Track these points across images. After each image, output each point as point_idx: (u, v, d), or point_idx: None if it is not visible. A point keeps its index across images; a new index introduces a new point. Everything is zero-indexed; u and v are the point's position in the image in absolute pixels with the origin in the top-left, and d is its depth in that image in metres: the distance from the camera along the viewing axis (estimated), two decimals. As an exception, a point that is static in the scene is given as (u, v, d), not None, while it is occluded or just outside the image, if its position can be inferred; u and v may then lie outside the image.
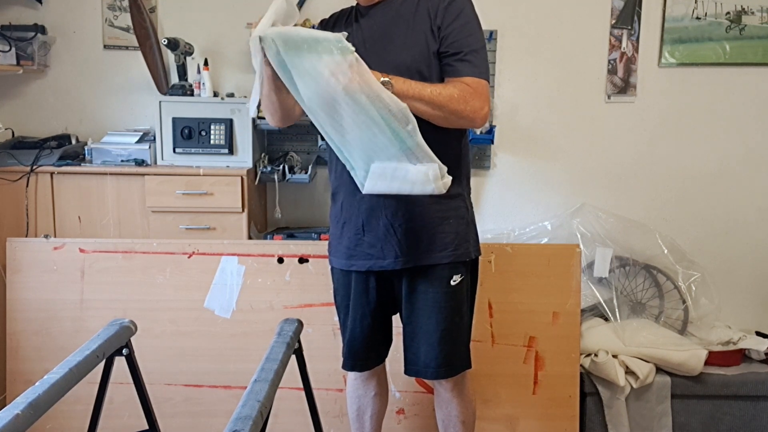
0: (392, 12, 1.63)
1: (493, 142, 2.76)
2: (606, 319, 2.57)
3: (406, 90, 1.44)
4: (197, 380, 2.33)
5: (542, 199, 2.89)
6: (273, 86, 1.54)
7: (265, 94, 1.63)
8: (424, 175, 1.42)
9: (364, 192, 1.48)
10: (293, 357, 1.65)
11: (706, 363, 2.41)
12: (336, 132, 1.44)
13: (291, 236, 2.64)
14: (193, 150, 2.56)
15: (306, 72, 1.35)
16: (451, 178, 1.46)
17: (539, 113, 2.84)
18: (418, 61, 1.57)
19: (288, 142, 2.85)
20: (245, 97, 2.63)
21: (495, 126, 2.75)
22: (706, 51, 2.75)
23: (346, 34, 1.30)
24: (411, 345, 1.73)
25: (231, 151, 2.57)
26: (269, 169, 2.65)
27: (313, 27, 2.68)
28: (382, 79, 1.39)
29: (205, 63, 2.63)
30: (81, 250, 2.35)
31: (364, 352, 1.80)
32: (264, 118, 2.57)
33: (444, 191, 1.45)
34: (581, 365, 2.38)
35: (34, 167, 2.50)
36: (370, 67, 1.41)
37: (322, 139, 2.93)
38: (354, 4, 1.73)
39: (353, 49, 1.30)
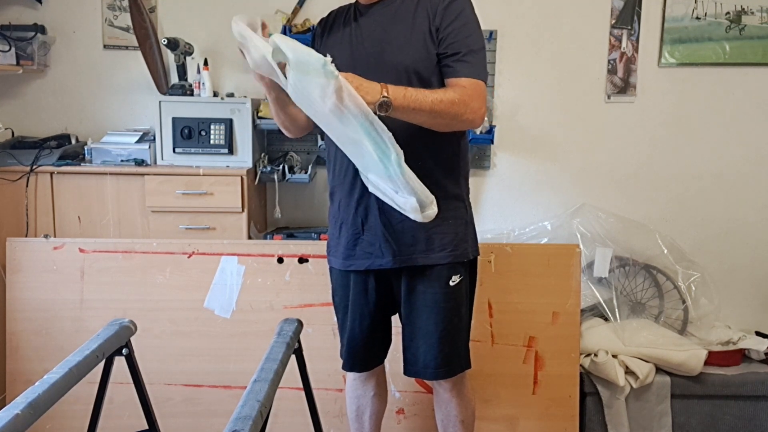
0: (391, 12, 1.62)
1: (493, 142, 2.76)
2: (606, 319, 2.57)
3: (406, 105, 1.42)
4: (197, 380, 2.33)
5: (542, 199, 2.89)
6: (278, 106, 1.62)
7: (274, 114, 1.69)
8: (403, 204, 1.45)
9: (370, 191, 1.50)
10: (293, 357, 1.65)
11: (706, 363, 2.41)
12: (336, 139, 1.46)
13: (291, 236, 2.64)
14: (192, 150, 2.56)
15: (298, 88, 1.35)
16: (436, 209, 1.46)
17: (539, 113, 2.84)
18: (416, 61, 1.57)
19: (288, 142, 2.85)
20: (245, 96, 2.63)
21: (495, 126, 2.75)
22: (706, 51, 2.75)
23: (330, 58, 1.26)
24: (410, 345, 1.73)
25: (231, 151, 2.57)
26: (269, 169, 2.65)
27: (313, 27, 2.68)
28: (381, 97, 1.37)
29: (205, 63, 2.63)
30: (81, 250, 2.35)
31: (363, 353, 1.80)
32: (264, 118, 2.59)
33: (427, 221, 1.46)
34: (581, 365, 2.38)
35: (34, 167, 2.50)
36: (370, 67, 1.42)
37: (322, 138, 2.96)
38: (353, 2, 1.73)
39: (337, 74, 1.27)
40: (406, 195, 1.43)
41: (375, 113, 1.34)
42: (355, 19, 1.68)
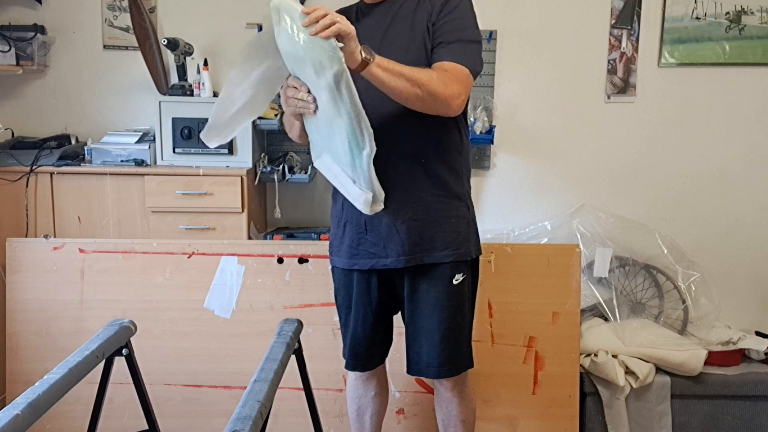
0: (393, 12, 1.64)
1: (492, 142, 2.76)
2: (606, 319, 2.57)
3: (386, 65, 1.42)
4: (197, 380, 2.33)
5: (542, 199, 2.89)
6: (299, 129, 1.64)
7: (289, 128, 1.73)
8: (357, 196, 1.52)
9: (314, 165, 1.58)
10: (293, 357, 1.65)
11: (706, 363, 2.41)
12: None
13: (291, 236, 2.64)
14: (192, 150, 2.56)
15: (296, 56, 1.38)
16: (383, 205, 1.55)
17: (539, 113, 2.84)
18: (417, 61, 1.57)
19: (288, 142, 2.85)
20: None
21: (495, 126, 2.75)
22: (705, 51, 2.75)
23: (342, 45, 1.31)
24: (413, 344, 1.73)
25: (231, 151, 2.57)
26: (269, 169, 2.65)
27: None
28: (363, 55, 1.38)
29: (205, 63, 2.63)
30: (81, 251, 2.35)
31: (366, 352, 1.80)
32: (264, 118, 2.59)
33: (370, 214, 1.55)
34: (581, 365, 2.38)
35: (34, 167, 2.50)
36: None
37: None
38: (354, 3, 1.74)
39: (343, 63, 1.32)
40: (364, 188, 1.51)
41: (360, 57, 1.37)
42: (357, 20, 1.68)
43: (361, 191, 1.51)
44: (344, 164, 1.49)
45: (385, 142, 1.53)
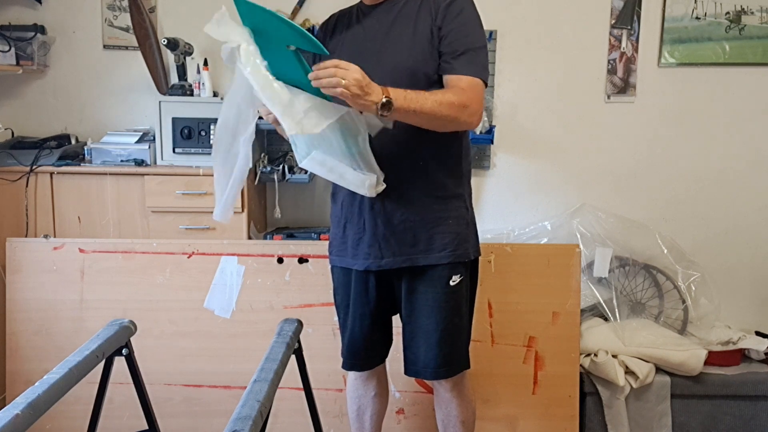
0: (395, 13, 1.63)
1: (492, 142, 2.76)
2: (606, 319, 2.57)
3: (407, 106, 1.44)
4: (197, 380, 2.33)
5: (542, 199, 2.89)
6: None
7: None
8: (360, 181, 1.53)
9: (300, 165, 1.58)
10: (293, 357, 1.65)
11: (706, 363, 2.41)
12: None
13: (291, 236, 2.64)
14: (192, 150, 2.56)
15: (285, 68, 1.42)
16: (384, 185, 1.57)
17: (539, 113, 2.83)
18: (419, 62, 1.57)
19: (288, 143, 2.84)
20: (245, 97, 2.63)
21: (495, 126, 2.75)
22: (705, 51, 2.75)
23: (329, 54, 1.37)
24: (410, 345, 1.73)
25: (231, 151, 2.57)
26: (269, 169, 2.65)
27: (313, 27, 2.68)
28: (383, 99, 1.39)
29: (205, 63, 2.63)
30: (81, 250, 2.35)
31: (364, 352, 1.80)
32: (263, 119, 2.58)
33: (374, 195, 1.57)
34: (581, 365, 2.38)
35: (34, 167, 2.50)
36: (372, 67, 1.43)
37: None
38: (354, 4, 1.74)
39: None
40: (366, 172, 1.53)
41: (378, 113, 1.40)
42: (358, 21, 1.68)
43: (365, 175, 1.52)
44: (340, 155, 1.51)
45: (384, 143, 1.54)
